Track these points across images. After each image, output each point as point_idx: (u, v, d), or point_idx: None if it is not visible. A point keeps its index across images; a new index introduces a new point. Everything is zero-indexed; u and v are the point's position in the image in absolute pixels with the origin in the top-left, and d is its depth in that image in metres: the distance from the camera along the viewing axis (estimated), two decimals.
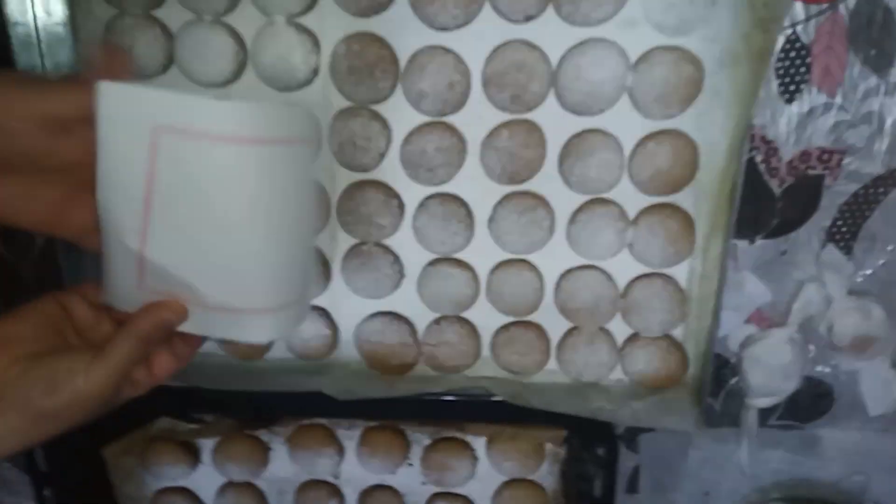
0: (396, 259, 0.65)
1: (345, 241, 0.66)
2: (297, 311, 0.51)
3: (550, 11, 0.57)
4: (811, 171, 0.61)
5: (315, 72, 0.60)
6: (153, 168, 0.42)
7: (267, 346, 0.69)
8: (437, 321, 0.67)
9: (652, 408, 0.63)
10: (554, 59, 0.58)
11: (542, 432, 0.68)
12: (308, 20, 0.59)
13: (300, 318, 0.52)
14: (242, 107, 0.42)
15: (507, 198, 0.62)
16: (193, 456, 0.73)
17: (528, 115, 0.60)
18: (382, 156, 0.62)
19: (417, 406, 0.67)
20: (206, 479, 0.75)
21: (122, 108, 0.41)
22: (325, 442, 0.72)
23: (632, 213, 0.62)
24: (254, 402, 0.68)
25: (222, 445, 0.73)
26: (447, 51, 0.58)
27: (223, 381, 0.67)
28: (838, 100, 0.58)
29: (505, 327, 0.67)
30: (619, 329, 0.66)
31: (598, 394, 0.65)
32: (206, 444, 0.74)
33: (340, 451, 0.73)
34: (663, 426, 0.63)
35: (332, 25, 0.59)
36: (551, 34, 0.57)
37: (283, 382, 0.67)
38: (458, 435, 0.71)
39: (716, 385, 0.66)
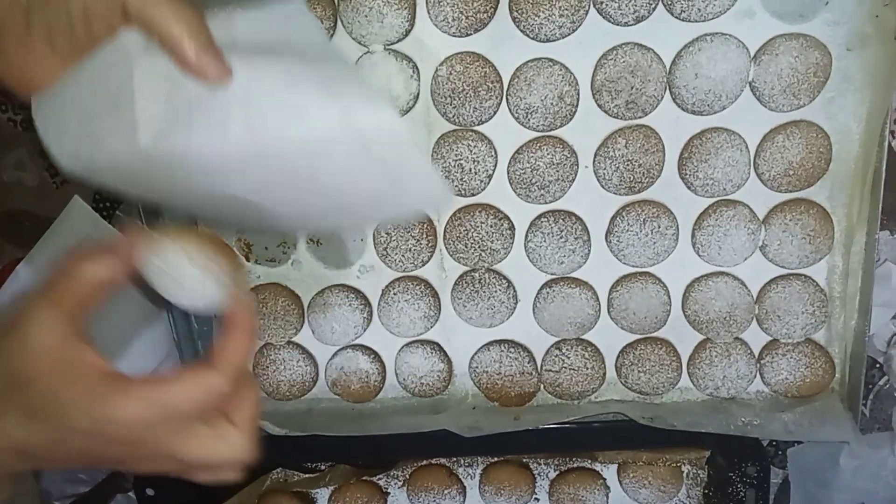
0: (510, 284, 0.62)
1: (454, 270, 0.63)
2: None
3: (661, 10, 0.54)
4: None
5: (416, 98, 0.58)
6: None
7: (378, 387, 0.67)
8: (556, 346, 0.64)
9: (803, 419, 0.59)
10: (668, 59, 0.55)
11: (680, 454, 0.64)
12: (406, 46, 0.57)
13: None
14: None
15: (624, 208, 0.59)
16: None
17: (644, 121, 0.57)
18: (490, 177, 0.60)
19: (542, 436, 0.63)
20: None
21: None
22: (446, 482, 0.68)
23: (762, 213, 0.59)
24: (368, 447, 0.65)
25: (338, 494, 0.70)
26: (554, 62, 0.56)
27: (337, 426, 0.64)
28: None
29: (631, 346, 0.63)
30: (756, 338, 0.62)
31: (742, 408, 0.61)
32: (322, 494, 0.71)
33: (462, 490, 0.69)
34: (819, 438, 0.59)
35: (431, 48, 0.57)
36: (664, 33, 0.55)
37: (402, 423, 0.63)
38: (586, 464, 0.67)
39: (863, 388, 0.62)
